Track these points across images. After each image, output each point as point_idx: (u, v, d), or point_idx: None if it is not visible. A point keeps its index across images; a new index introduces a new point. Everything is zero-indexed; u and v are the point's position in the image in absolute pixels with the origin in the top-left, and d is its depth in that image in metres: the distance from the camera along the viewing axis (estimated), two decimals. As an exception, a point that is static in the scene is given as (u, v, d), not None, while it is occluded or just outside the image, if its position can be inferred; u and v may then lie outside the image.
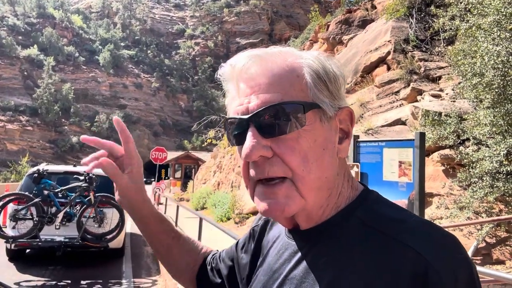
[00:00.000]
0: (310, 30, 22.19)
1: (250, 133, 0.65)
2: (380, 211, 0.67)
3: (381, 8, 13.98)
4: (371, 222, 0.65)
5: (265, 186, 0.66)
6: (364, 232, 0.65)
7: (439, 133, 6.76)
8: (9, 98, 66.14)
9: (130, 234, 11.31)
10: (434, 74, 9.19)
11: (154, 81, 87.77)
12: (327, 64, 0.70)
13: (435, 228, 0.64)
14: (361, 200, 0.70)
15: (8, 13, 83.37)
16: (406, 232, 0.62)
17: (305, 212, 0.68)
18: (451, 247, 0.61)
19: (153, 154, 14.43)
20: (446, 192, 6.66)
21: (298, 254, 0.71)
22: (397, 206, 0.69)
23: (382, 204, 0.69)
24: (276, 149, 0.65)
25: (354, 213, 0.68)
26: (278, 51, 0.71)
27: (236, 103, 0.69)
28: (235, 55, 0.72)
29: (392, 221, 0.65)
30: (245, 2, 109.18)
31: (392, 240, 0.61)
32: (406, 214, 0.67)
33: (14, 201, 7.00)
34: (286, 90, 0.65)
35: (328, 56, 0.73)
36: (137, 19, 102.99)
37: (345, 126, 0.72)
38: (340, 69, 0.72)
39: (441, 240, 0.62)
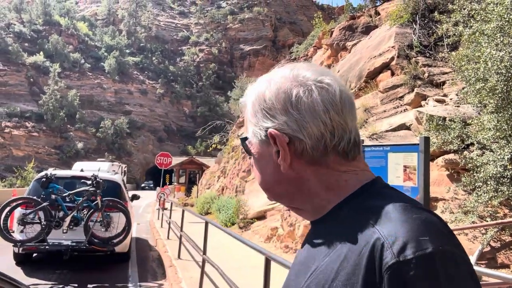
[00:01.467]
0: (314, 36, 22.30)
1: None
2: (370, 201, 0.72)
3: (384, 15, 14.06)
4: (357, 211, 0.71)
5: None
6: (350, 218, 0.71)
7: (444, 138, 6.79)
8: (15, 104, 66.69)
9: (136, 238, 11.37)
10: (438, 79, 9.23)
11: (159, 88, 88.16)
12: (260, 89, 0.80)
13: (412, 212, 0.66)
14: (359, 192, 0.76)
15: (14, 20, 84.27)
16: (378, 215, 0.67)
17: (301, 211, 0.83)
18: (414, 229, 0.63)
19: (158, 159, 14.52)
20: (451, 196, 6.67)
21: (306, 241, 0.82)
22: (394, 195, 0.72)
23: (378, 195, 0.74)
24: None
25: (348, 205, 0.74)
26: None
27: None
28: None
29: (373, 207, 0.69)
30: (248, 9, 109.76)
31: (365, 225, 0.67)
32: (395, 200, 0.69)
33: (22, 205, 7.09)
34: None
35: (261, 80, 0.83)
36: (142, 26, 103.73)
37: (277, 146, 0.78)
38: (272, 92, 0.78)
39: (405, 221, 0.64)
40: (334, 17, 42.56)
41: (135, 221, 14.22)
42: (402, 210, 0.67)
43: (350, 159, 0.78)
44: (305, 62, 0.83)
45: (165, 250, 9.25)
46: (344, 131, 0.76)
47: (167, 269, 7.61)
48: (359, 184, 0.78)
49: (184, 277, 6.86)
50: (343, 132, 0.76)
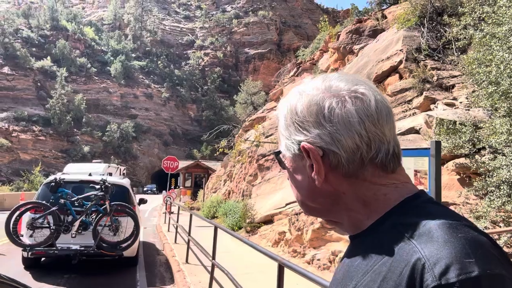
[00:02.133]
0: (320, 40, 22.28)
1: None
2: (409, 216, 0.69)
3: (391, 18, 14.01)
4: (397, 226, 0.69)
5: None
6: (390, 235, 0.69)
7: (454, 142, 6.72)
8: (23, 109, 67.25)
9: (143, 242, 11.36)
10: (447, 82, 9.16)
11: (164, 91, 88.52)
12: (292, 103, 0.78)
13: (456, 231, 0.62)
14: (399, 207, 0.74)
15: (22, 26, 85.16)
16: (418, 232, 0.65)
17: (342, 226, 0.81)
18: (452, 249, 0.59)
19: (165, 163, 14.53)
20: (462, 201, 6.59)
21: (344, 257, 0.81)
22: (434, 212, 0.69)
23: (417, 211, 0.70)
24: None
25: (388, 220, 0.72)
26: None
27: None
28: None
29: (415, 224, 0.67)
30: (253, 13, 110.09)
31: (403, 237, 0.66)
32: (435, 218, 0.66)
33: (31, 210, 7.11)
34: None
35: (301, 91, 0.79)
36: (147, 30, 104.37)
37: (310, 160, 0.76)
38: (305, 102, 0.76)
39: (445, 241, 0.61)
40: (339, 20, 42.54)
41: (141, 225, 14.27)
42: (446, 228, 0.63)
43: (389, 172, 0.75)
44: (338, 72, 0.82)
45: (173, 255, 9.23)
46: (381, 142, 0.73)
47: (175, 274, 7.58)
48: (400, 199, 0.75)
49: (193, 282, 6.83)
50: (381, 143, 0.73)
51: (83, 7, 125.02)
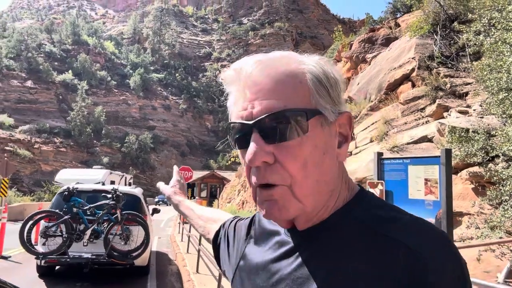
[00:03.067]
0: (333, 49, 22.28)
1: (254, 138, 0.66)
2: (374, 210, 0.69)
3: (404, 26, 13.92)
4: (366, 221, 0.68)
5: (264, 190, 0.68)
6: (359, 231, 0.67)
7: (467, 150, 6.57)
8: (45, 121, 69.15)
9: (156, 252, 11.42)
10: (460, 90, 9.00)
11: (182, 103, 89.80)
12: (328, 69, 0.72)
13: (427, 225, 0.67)
14: (357, 200, 0.73)
15: (45, 41, 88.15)
16: (398, 229, 0.65)
17: (305, 215, 0.70)
18: (442, 243, 0.64)
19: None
20: (476, 211, 6.41)
21: (295, 251, 0.72)
22: (392, 206, 0.72)
23: (377, 204, 0.72)
24: (278, 156, 0.66)
25: (350, 213, 0.70)
26: (281, 56, 0.72)
27: (239, 107, 0.70)
28: (239, 60, 0.74)
29: (386, 219, 0.67)
30: (269, 25, 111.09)
31: (385, 237, 0.64)
32: (400, 213, 0.69)
33: (45, 218, 7.25)
34: (289, 97, 0.66)
35: (328, 61, 0.75)
36: (166, 44, 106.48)
37: (344, 130, 0.73)
38: (340, 74, 0.74)
39: (432, 235, 0.64)
40: (356, 30, 42.47)
41: (156, 235, 14.34)
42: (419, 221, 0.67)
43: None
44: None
45: (184, 264, 9.25)
46: None
47: (184, 283, 7.59)
48: (356, 188, 0.76)
49: (201, 292, 6.82)
50: None
51: (103, 22, 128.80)
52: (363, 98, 12.69)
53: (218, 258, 1.03)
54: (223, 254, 0.99)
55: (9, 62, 73.78)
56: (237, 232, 0.95)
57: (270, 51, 0.78)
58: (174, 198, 1.27)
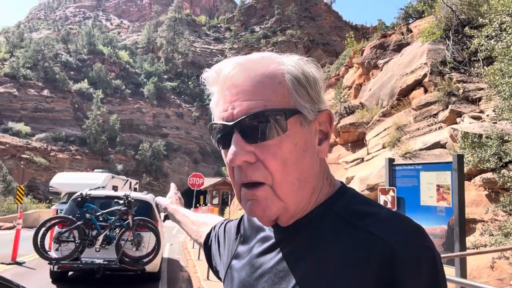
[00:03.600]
0: (345, 56, 22.24)
1: (235, 139, 0.68)
2: (354, 205, 0.71)
3: (416, 32, 13.83)
4: (345, 216, 0.70)
5: (247, 189, 0.70)
6: (338, 225, 0.69)
7: (480, 156, 6.46)
8: (61, 129, 70.37)
9: (168, 259, 11.47)
10: (473, 95, 8.88)
11: (194, 111, 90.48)
12: (307, 69, 0.73)
13: (403, 219, 0.69)
14: (338, 195, 0.74)
15: (61, 51, 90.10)
16: (376, 223, 0.67)
17: (287, 213, 0.71)
18: (416, 236, 0.66)
19: (191, 180, 14.71)
20: (490, 217, 6.28)
21: (278, 246, 0.74)
22: (371, 201, 0.74)
23: (357, 199, 0.73)
24: (259, 155, 0.68)
25: (330, 208, 0.72)
26: (260, 57, 0.74)
27: (220, 109, 0.72)
28: (220, 62, 0.77)
29: (365, 214, 0.69)
30: (281, 33, 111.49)
31: (363, 231, 0.66)
32: (378, 208, 0.71)
33: (58, 224, 7.37)
34: (269, 97, 0.68)
35: (308, 60, 0.76)
36: (179, 53, 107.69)
37: (324, 127, 0.75)
38: (320, 72, 0.76)
39: (407, 229, 0.67)
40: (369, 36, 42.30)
41: (168, 242, 14.39)
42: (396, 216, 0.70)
43: None
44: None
45: (195, 271, 9.26)
46: None
47: (195, 290, 7.59)
48: (338, 185, 0.78)
49: (212, 298, 6.81)
50: None
51: (118, 32, 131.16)
52: (375, 104, 12.60)
53: (209, 259, 1.06)
54: (214, 254, 1.02)
55: (26, 71, 75.50)
56: (227, 233, 0.98)
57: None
58: (170, 207, 1.33)
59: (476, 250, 5.42)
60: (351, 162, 11.17)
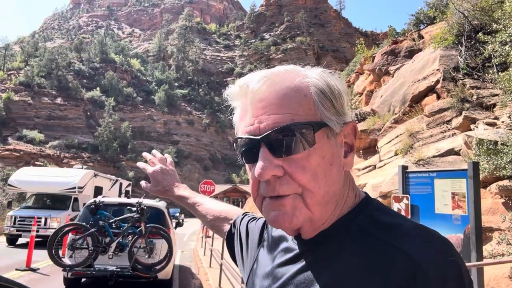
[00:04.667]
0: (355, 62, 22.17)
1: (262, 153, 0.68)
2: (378, 218, 0.71)
3: (428, 38, 13.74)
4: (368, 228, 0.69)
5: (275, 200, 0.69)
6: (361, 238, 0.68)
7: (496, 163, 6.36)
8: (73, 137, 71.36)
9: (179, 266, 11.48)
10: (488, 101, 8.76)
11: (205, 118, 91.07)
12: (331, 81, 0.74)
13: (429, 232, 0.67)
14: (362, 207, 0.74)
15: (74, 59, 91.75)
16: (399, 236, 0.65)
17: (311, 224, 0.71)
18: (442, 251, 0.63)
19: (202, 187, 14.77)
20: (507, 226, 6.16)
21: (300, 257, 0.74)
22: (396, 213, 0.73)
23: (381, 211, 0.73)
24: (287, 168, 0.67)
25: (354, 220, 0.72)
26: (284, 71, 0.74)
27: (246, 123, 0.72)
28: (244, 76, 0.77)
29: (388, 227, 0.68)
30: (291, 40, 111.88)
31: (386, 244, 0.65)
32: (402, 220, 0.70)
33: (72, 231, 7.44)
34: (295, 111, 0.68)
35: (331, 72, 0.77)
36: (190, 60, 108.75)
37: (350, 140, 0.75)
38: (343, 85, 0.76)
39: (432, 243, 0.64)
40: (379, 42, 42.19)
41: (179, 249, 14.40)
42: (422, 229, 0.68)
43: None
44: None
45: (207, 279, 9.24)
46: None
47: (207, 298, 7.57)
48: (362, 196, 0.78)
49: (224, 306, 6.78)
50: None
51: (130, 40, 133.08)
52: (386, 110, 12.52)
53: (234, 257, 1.08)
54: (237, 254, 1.04)
55: (40, 80, 76.93)
56: (250, 234, 0.98)
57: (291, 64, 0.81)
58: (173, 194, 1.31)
59: (494, 260, 5.32)
60: (363, 169, 11.08)
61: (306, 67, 0.77)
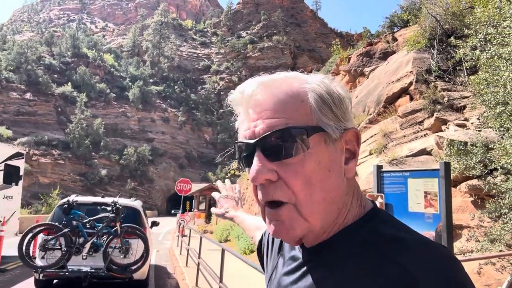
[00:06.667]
0: (331, 63, 22.50)
1: (256, 157, 0.68)
2: (382, 230, 0.69)
3: (402, 40, 14.10)
4: (370, 240, 0.67)
5: (272, 209, 0.70)
6: (362, 250, 0.67)
7: (466, 163, 6.61)
8: (43, 133, 69.09)
9: (154, 266, 11.34)
10: (458, 103, 9.09)
11: (181, 115, 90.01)
12: (332, 87, 0.73)
13: (434, 248, 0.65)
14: (367, 218, 0.72)
15: (45, 53, 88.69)
16: (400, 250, 0.64)
17: (313, 233, 0.71)
18: (446, 269, 0.61)
19: (178, 186, 14.63)
20: (476, 224, 6.43)
21: (303, 266, 0.74)
22: (402, 226, 0.71)
23: (387, 224, 0.71)
24: (281, 173, 0.67)
25: (357, 232, 0.70)
26: (284, 77, 0.74)
27: (244, 127, 0.72)
28: (244, 82, 0.77)
29: (390, 240, 0.66)
30: (268, 38, 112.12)
31: (386, 258, 0.63)
32: (406, 233, 0.68)
33: (44, 231, 7.22)
34: (291, 115, 0.68)
35: (334, 79, 0.77)
36: (165, 56, 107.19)
37: (352, 146, 0.74)
38: (346, 91, 0.76)
39: (436, 260, 0.62)
40: (353, 43, 42.90)
41: (154, 248, 14.23)
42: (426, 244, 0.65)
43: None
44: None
45: (183, 278, 9.18)
46: None
47: (184, 298, 7.52)
48: (368, 207, 0.76)
49: (201, 306, 6.76)
50: None
51: (103, 35, 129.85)
52: (361, 111, 12.78)
53: (262, 265, 1.06)
54: (264, 262, 1.03)
55: (8, 74, 74.03)
56: (274, 243, 0.97)
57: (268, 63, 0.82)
58: (229, 215, 1.42)
59: (464, 257, 5.53)
60: (338, 168, 11.28)
61: (309, 74, 0.77)
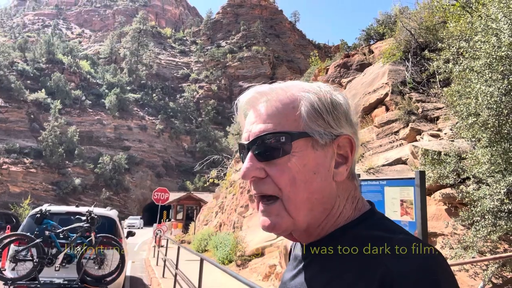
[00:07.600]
0: (310, 73, 22.83)
1: (248, 157, 0.77)
2: (371, 232, 0.72)
3: (378, 53, 14.47)
4: (361, 240, 0.71)
5: (263, 205, 0.76)
6: (351, 250, 0.71)
7: (439, 172, 6.80)
8: (15, 141, 66.93)
9: (130, 277, 11.07)
10: (432, 114, 9.37)
11: (159, 123, 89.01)
12: (327, 95, 0.78)
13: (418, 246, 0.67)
14: (361, 220, 0.77)
15: (18, 59, 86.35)
16: (386, 250, 0.67)
17: (301, 230, 0.77)
18: (425, 267, 0.63)
19: (155, 195, 14.39)
20: (450, 231, 6.59)
21: (299, 264, 0.81)
22: (394, 228, 0.74)
23: (378, 225, 0.75)
24: (268, 171, 0.75)
25: (349, 232, 0.75)
26: (284, 86, 0.81)
27: (244, 131, 0.81)
28: (247, 90, 0.84)
29: (379, 239, 0.70)
30: (247, 48, 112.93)
31: (372, 257, 0.67)
32: (394, 234, 0.71)
33: (15, 242, 6.95)
34: (280, 121, 0.75)
35: (331, 87, 0.82)
36: (143, 64, 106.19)
37: (344, 152, 0.78)
38: (344, 99, 0.82)
39: (417, 258, 0.65)
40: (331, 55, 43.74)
41: (129, 259, 13.91)
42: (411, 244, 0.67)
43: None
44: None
45: (160, 289, 9.00)
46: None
47: (161, 309, 7.37)
48: (364, 208, 0.80)
49: (178, 317, 6.63)
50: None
51: (79, 41, 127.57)
52: (339, 121, 12.98)
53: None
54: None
55: (-22, 79, 71.66)
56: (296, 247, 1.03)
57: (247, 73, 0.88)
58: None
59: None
60: (317, 177, 11.39)
61: (311, 82, 0.83)
